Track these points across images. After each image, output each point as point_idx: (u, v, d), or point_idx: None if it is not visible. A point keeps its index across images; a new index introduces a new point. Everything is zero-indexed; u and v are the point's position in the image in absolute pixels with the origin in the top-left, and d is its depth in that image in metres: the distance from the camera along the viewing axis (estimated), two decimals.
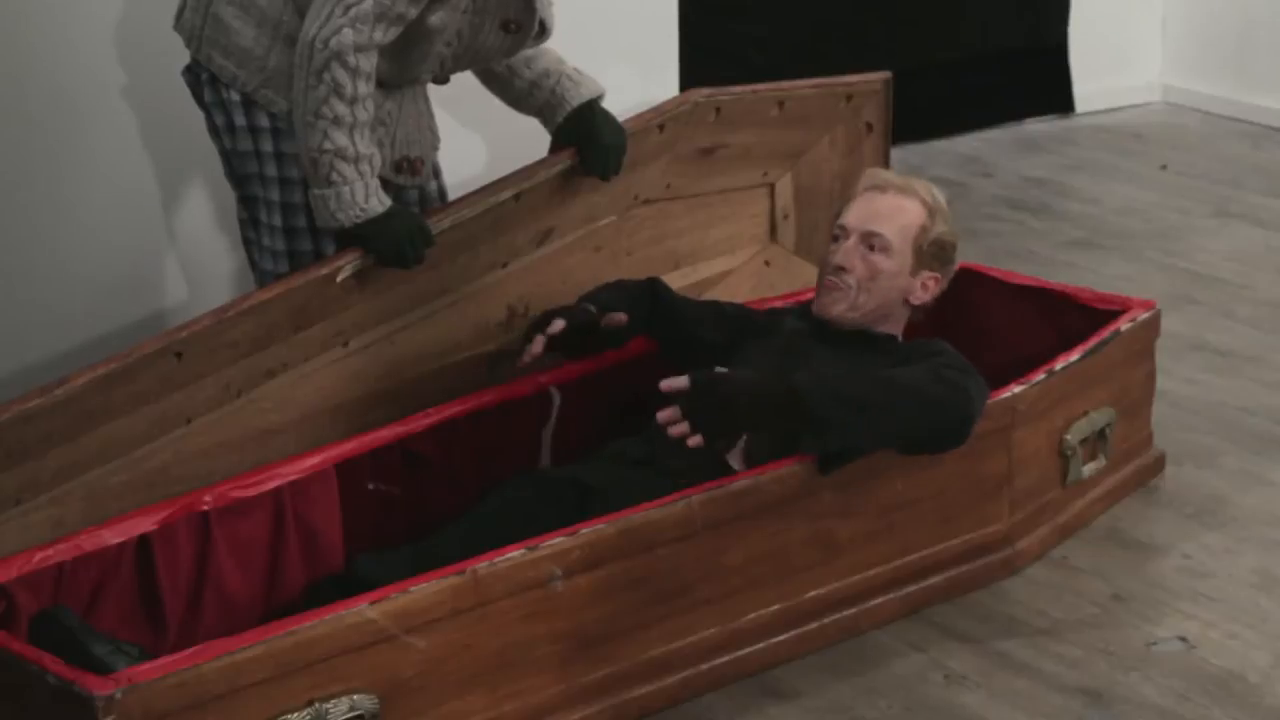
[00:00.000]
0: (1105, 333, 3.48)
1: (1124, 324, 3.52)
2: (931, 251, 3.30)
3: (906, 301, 3.30)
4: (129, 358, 2.93)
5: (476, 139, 4.24)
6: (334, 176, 3.10)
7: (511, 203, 3.38)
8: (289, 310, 3.11)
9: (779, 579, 3.01)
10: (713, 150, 3.75)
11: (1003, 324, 3.73)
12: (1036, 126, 6.14)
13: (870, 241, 3.26)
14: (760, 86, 3.76)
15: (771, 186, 3.95)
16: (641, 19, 4.55)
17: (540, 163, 3.44)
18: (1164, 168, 5.65)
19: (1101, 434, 3.46)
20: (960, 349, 3.19)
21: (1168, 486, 3.63)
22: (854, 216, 3.31)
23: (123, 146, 3.86)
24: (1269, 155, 5.75)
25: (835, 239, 3.32)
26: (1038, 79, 6.20)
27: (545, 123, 3.52)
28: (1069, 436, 3.39)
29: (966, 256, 3.49)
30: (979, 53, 6.06)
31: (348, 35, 3.04)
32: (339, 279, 3.15)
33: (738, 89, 3.71)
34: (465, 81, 3.59)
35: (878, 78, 3.94)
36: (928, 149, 5.83)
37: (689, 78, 4.52)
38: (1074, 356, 3.39)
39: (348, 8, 3.04)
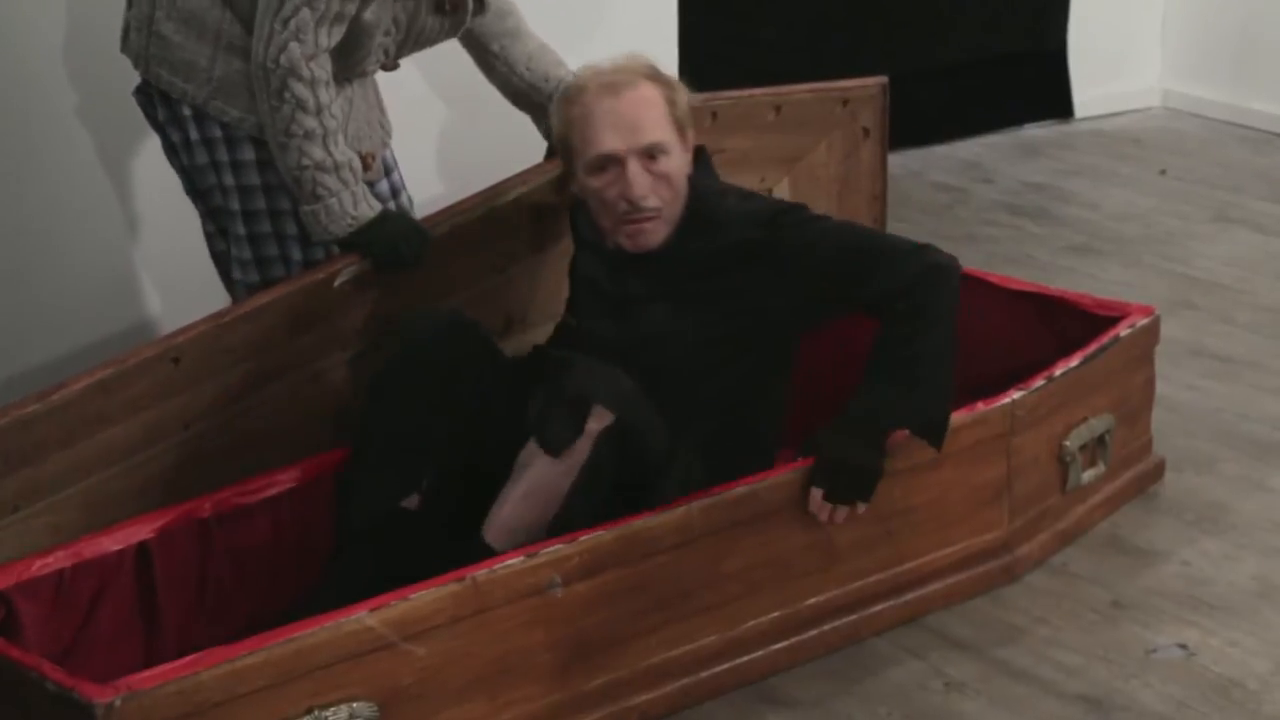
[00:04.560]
0: (1104, 339, 3.48)
1: (1123, 330, 3.52)
2: (685, 119, 3.14)
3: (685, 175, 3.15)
4: (126, 363, 2.94)
5: (473, 142, 4.23)
6: (319, 190, 3.11)
7: (509, 207, 3.38)
8: (287, 315, 3.11)
9: (778, 586, 3.01)
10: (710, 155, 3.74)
11: (1002, 330, 3.72)
12: (1036, 131, 6.14)
13: (650, 153, 3.06)
14: (756, 91, 3.76)
15: (769, 191, 3.95)
16: (642, 21, 4.55)
17: (536, 167, 3.44)
18: (1163, 173, 5.65)
19: (1101, 440, 3.46)
20: (959, 355, 3.16)
21: (1167, 493, 3.63)
22: (614, 139, 3.06)
23: (118, 154, 3.88)
24: (1269, 160, 5.75)
25: (601, 169, 3.07)
26: (1037, 84, 6.20)
27: (538, 123, 3.54)
28: (1068, 443, 3.38)
29: (966, 262, 3.46)
30: (978, 58, 6.06)
31: (294, 49, 3.05)
32: (336, 283, 3.15)
33: (734, 93, 3.71)
34: (462, 85, 3.60)
35: (874, 82, 3.93)
36: (927, 154, 5.83)
37: (687, 81, 4.51)
38: (1073, 362, 3.39)
39: (286, 21, 3.04)
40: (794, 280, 3.07)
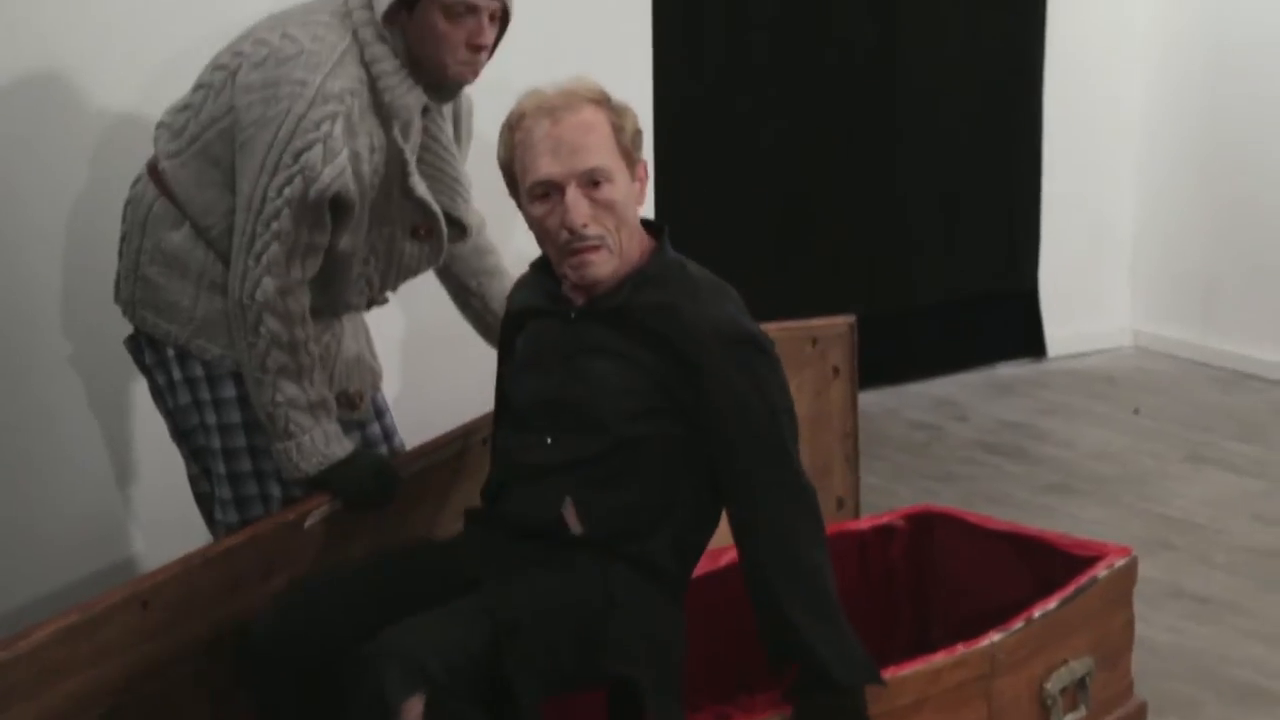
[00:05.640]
0: (1083, 579, 3.45)
1: (1101, 570, 3.49)
2: (634, 144, 2.97)
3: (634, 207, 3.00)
4: (94, 608, 2.88)
5: (449, 380, 4.24)
6: (291, 428, 3.11)
7: (480, 446, 3.37)
8: (257, 558, 3.07)
9: None
10: None
11: (980, 570, 3.70)
12: (1009, 370, 6.18)
13: (591, 179, 2.90)
14: None
15: None
16: None
17: None
18: (1136, 412, 5.68)
19: (1082, 683, 3.42)
20: (936, 595, 3.16)
21: None
22: (553, 164, 2.90)
23: (110, 400, 3.91)
24: (1238, 400, 5.79)
25: (542, 196, 2.92)
26: (1010, 323, 6.27)
27: None
28: (1049, 685, 3.34)
29: (944, 501, 3.48)
30: (952, 297, 6.13)
31: (268, 283, 3.07)
32: (307, 524, 3.13)
33: None
34: (441, 323, 3.62)
35: (842, 321, 3.94)
36: (902, 392, 5.86)
37: None
38: (1052, 604, 3.35)
39: (258, 256, 3.06)
40: (702, 396, 2.91)
